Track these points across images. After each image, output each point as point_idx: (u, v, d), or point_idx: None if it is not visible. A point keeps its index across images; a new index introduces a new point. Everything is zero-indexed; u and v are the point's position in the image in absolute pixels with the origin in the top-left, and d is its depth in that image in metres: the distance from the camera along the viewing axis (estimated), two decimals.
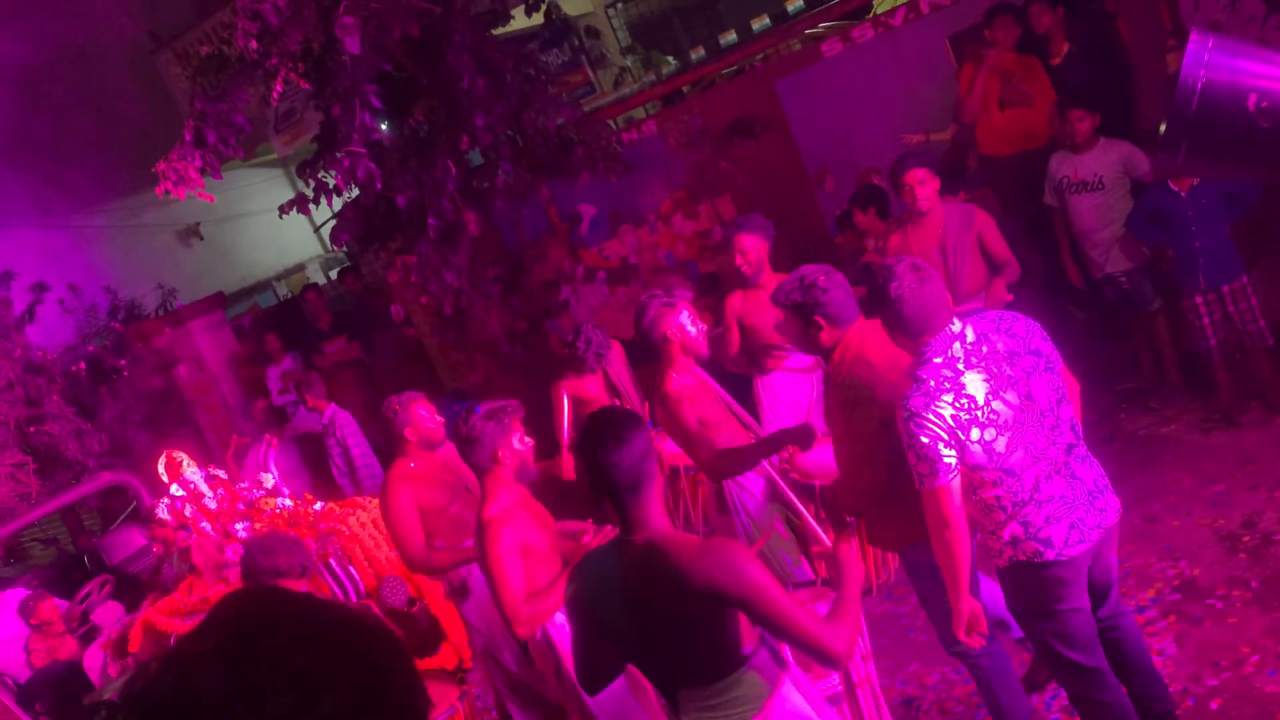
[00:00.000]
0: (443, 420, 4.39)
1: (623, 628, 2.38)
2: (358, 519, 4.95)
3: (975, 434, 2.72)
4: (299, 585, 3.61)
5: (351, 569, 4.76)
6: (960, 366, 2.75)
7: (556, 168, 6.15)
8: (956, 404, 2.71)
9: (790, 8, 7.57)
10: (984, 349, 2.79)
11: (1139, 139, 5.41)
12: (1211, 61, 2.17)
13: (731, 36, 7.94)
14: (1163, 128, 2.27)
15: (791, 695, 2.43)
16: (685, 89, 7.64)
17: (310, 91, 5.68)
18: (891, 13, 6.37)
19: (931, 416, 2.69)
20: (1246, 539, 4.17)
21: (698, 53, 8.08)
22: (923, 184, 4.78)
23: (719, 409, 4.12)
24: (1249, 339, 5.08)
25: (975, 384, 2.74)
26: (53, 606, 6.15)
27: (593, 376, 5.28)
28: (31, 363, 8.15)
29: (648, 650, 2.41)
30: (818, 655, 2.31)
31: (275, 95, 5.60)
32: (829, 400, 3.22)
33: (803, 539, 4.03)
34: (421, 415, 4.28)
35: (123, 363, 8.87)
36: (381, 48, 5.20)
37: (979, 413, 2.72)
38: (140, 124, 11.72)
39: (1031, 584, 2.92)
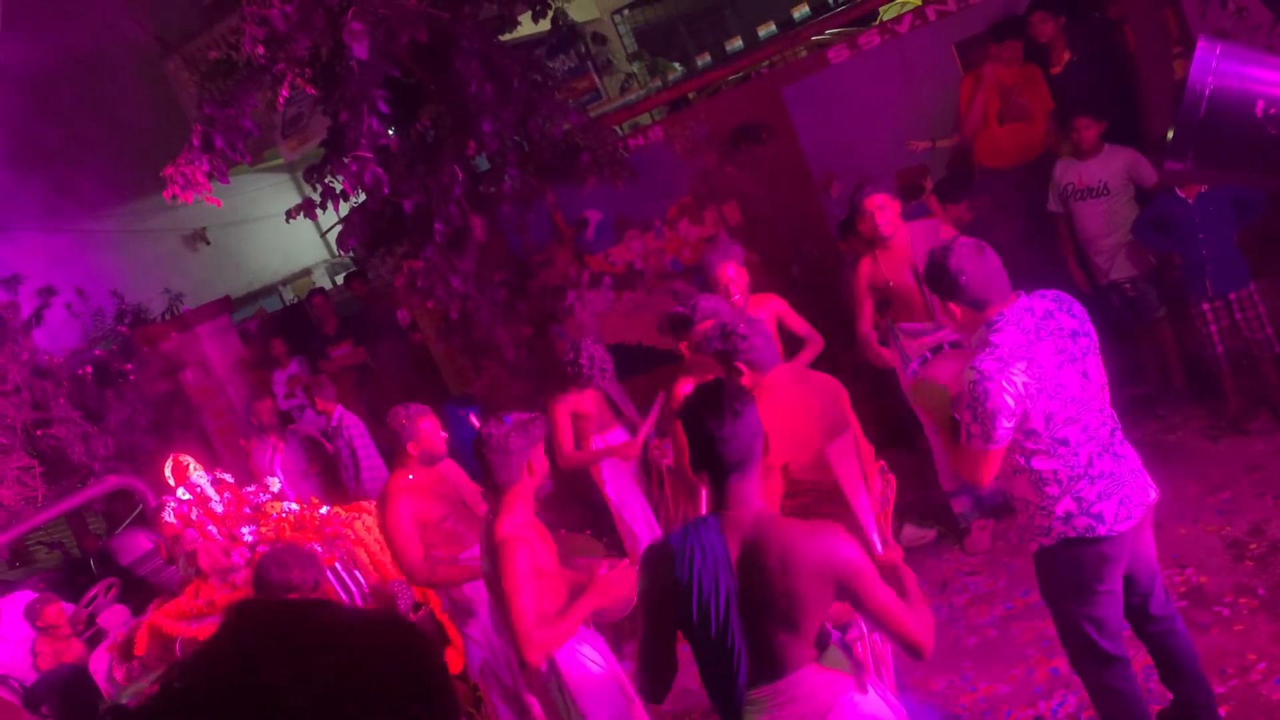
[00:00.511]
0: (446, 436, 4.37)
1: (719, 610, 2.25)
2: (363, 523, 4.95)
3: (1042, 404, 2.76)
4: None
5: (357, 574, 4.76)
6: (1033, 337, 2.80)
7: (563, 173, 6.15)
8: (1030, 372, 2.74)
9: (797, 15, 7.57)
10: (1051, 324, 2.84)
11: (1145, 146, 5.40)
12: (1219, 68, 2.17)
13: (738, 43, 7.94)
14: (1170, 135, 2.28)
15: (870, 690, 2.42)
16: (691, 95, 7.63)
17: (318, 97, 5.69)
18: (898, 20, 6.38)
19: (1003, 382, 2.72)
20: (1253, 546, 4.17)
21: (704, 59, 8.07)
22: (883, 209, 4.76)
23: None
24: (1256, 346, 5.08)
25: (1046, 355, 2.78)
26: (59, 609, 6.16)
27: (591, 392, 5.24)
28: (38, 366, 8.17)
29: (746, 630, 2.26)
30: (908, 644, 2.29)
31: (282, 100, 5.61)
32: None
33: None
34: (427, 430, 4.24)
35: (129, 366, 8.88)
36: (389, 53, 5.21)
37: (1047, 383, 2.76)
38: (147, 129, 11.73)
39: (1077, 561, 2.94)
